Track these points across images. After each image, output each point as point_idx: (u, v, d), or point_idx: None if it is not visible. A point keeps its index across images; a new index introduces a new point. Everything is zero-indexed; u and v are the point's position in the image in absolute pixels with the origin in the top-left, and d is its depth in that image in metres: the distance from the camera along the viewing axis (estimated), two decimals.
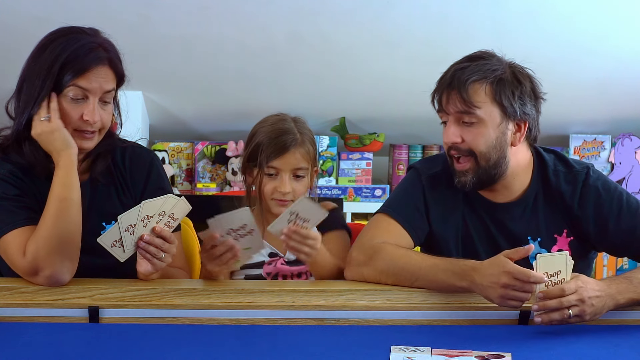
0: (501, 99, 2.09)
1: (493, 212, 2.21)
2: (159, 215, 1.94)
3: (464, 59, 2.16)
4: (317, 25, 3.44)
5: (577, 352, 1.78)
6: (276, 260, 2.26)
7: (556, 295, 1.87)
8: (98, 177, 2.15)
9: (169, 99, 3.87)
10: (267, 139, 2.23)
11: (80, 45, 2.03)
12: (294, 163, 2.24)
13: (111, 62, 2.06)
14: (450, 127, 2.13)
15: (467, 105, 2.09)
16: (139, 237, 1.92)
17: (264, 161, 2.22)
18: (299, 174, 2.25)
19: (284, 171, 2.23)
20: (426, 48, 3.51)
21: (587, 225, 2.17)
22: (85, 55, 2.02)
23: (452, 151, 2.15)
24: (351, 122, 4.00)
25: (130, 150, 2.23)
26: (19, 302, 1.93)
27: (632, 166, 3.96)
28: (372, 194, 3.94)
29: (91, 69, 2.02)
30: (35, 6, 3.22)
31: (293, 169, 2.24)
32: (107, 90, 2.06)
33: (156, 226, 1.94)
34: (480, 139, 2.11)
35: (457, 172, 2.15)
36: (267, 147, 2.22)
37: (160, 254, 1.95)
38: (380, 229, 2.17)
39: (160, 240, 1.94)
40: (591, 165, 2.23)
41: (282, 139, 2.23)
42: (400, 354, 1.72)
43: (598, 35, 3.49)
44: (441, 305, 1.99)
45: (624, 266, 3.93)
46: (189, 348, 1.76)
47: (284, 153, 2.23)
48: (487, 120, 2.10)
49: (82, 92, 2.02)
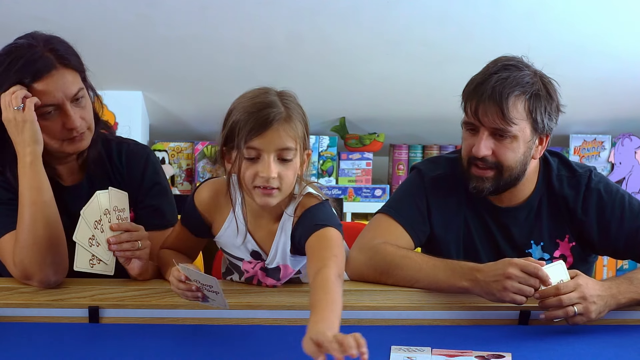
0: (536, 115, 2.07)
1: (497, 216, 2.20)
2: (104, 215, 1.94)
3: (500, 67, 2.09)
4: (317, 25, 3.44)
5: (577, 352, 1.78)
6: (256, 263, 2.01)
7: (551, 293, 1.87)
8: (93, 171, 2.14)
9: (169, 99, 3.87)
10: (246, 114, 1.83)
11: (20, 64, 1.94)
12: (278, 142, 1.82)
13: (62, 62, 1.98)
14: (483, 140, 2.07)
15: (506, 122, 2.04)
16: (107, 246, 1.93)
17: (242, 141, 1.81)
18: (286, 157, 1.84)
19: (266, 152, 1.82)
20: (426, 48, 3.52)
21: (590, 229, 2.17)
22: (29, 70, 1.94)
23: (478, 161, 2.10)
24: (351, 122, 4.00)
25: (126, 147, 2.22)
26: (19, 302, 1.93)
27: (632, 166, 3.96)
28: (372, 194, 3.94)
29: (44, 81, 1.95)
30: (35, 7, 3.22)
31: (277, 150, 1.83)
32: (74, 92, 1.99)
33: (111, 225, 1.94)
34: (510, 153, 2.08)
35: (475, 177, 2.12)
36: (245, 124, 1.81)
37: (136, 244, 1.95)
38: (381, 230, 2.16)
39: (127, 234, 1.94)
40: (593, 168, 2.23)
41: (262, 113, 1.81)
42: (400, 354, 1.72)
43: (598, 35, 3.49)
44: (441, 305, 1.99)
45: (624, 266, 3.93)
46: (189, 348, 1.76)
47: (265, 130, 1.81)
48: (520, 137, 2.07)
49: (51, 107, 1.97)
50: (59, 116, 1.99)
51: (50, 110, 1.98)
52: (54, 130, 2.00)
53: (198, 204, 2.03)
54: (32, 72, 1.95)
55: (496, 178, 2.10)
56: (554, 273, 1.89)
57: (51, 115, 1.99)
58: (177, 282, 1.82)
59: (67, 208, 2.06)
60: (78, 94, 2.01)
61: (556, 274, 1.89)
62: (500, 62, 2.10)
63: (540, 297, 1.87)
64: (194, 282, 1.80)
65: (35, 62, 1.95)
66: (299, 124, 1.86)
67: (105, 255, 1.96)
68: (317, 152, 3.94)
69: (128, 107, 3.72)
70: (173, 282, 1.83)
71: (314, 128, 3.92)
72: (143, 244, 1.97)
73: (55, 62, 1.97)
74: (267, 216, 1.98)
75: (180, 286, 1.81)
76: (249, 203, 1.96)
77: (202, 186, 2.05)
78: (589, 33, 3.48)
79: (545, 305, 1.87)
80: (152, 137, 4.03)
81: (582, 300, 1.87)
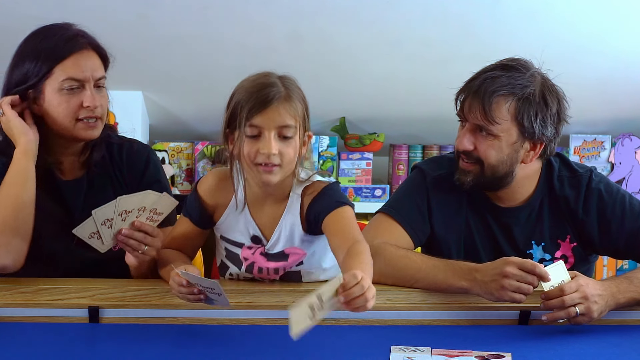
0: (522, 119, 2.06)
1: (498, 216, 2.20)
2: (138, 211, 1.93)
3: (497, 66, 2.10)
4: (317, 25, 3.44)
5: (577, 352, 1.78)
6: (256, 248, 2.06)
7: (556, 295, 1.87)
8: (94, 170, 2.16)
9: (169, 99, 3.87)
10: (247, 94, 1.92)
11: (58, 36, 2.07)
12: (279, 120, 1.90)
13: (94, 47, 2.10)
14: (466, 134, 2.10)
15: (486, 119, 2.05)
16: (117, 231, 1.92)
17: (243, 120, 1.90)
18: (286, 134, 1.92)
19: (267, 129, 1.90)
20: (426, 48, 3.51)
21: (591, 229, 2.17)
22: (66, 44, 2.05)
23: (462, 155, 2.13)
24: (351, 122, 3.99)
25: (127, 145, 2.25)
26: (19, 302, 1.93)
27: (632, 166, 3.95)
28: (372, 194, 3.93)
29: (76, 56, 2.05)
30: (35, 7, 3.22)
31: (278, 127, 1.90)
32: (99, 77, 2.10)
33: (136, 221, 1.93)
34: (491, 151, 2.09)
35: (460, 169, 2.14)
36: (246, 103, 1.91)
37: (141, 247, 1.95)
38: (381, 229, 2.16)
39: (142, 235, 1.94)
40: (594, 168, 2.24)
41: (263, 92, 1.90)
42: (400, 354, 1.72)
43: (598, 35, 3.49)
44: (441, 305, 1.99)
45: (624, 266, 3.93)
46: (189, 348, 1.76)
47: (266, 107, 1.90)
48: (502, 137, 2.07)
49: (75, 82, 2.05)
50: (80, 94, 2.07)
51: (74, 85, 2.06)
52: (72, 107, 2.06)
53: (202, 192, 2.08)
54: (64, 47, 2.05)
55: (478, 174, 2.11)
56: (555, 274, 1.89)
57: (73, 92, 2.06)
58: (178, 287, 1.83)
59: (64, 202, 2.11)
60: (100, 80, 2.11)
61: (557, 275, 1.89)
62: (503, 61, 2.11)
63: (545, 299, 1.88)
64: (195, 285, 1.81)
65: (69, 40, 2.07)
66: (299, 104, 1.94)
67: (108, 238, 1.93)
68: (317, 152, 3.94)
69: (128, 107, 3.71)
70: (174, 287, 1.84)
71: (314, 128, 3.89)
72: (149, 251, 1.97)
73: (86, 44, 2.09)
74: (270, 202, 2.03)
75: (182, 290, 1.82)
76: (251, 189, 2.03)
77: (206, 175, 2.13)
78: (589, 33, 3.48)
79: (548, 306, 1.87)
80: (152, 137, 4.02)
81: (584, 300, 1.87)
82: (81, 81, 2.06)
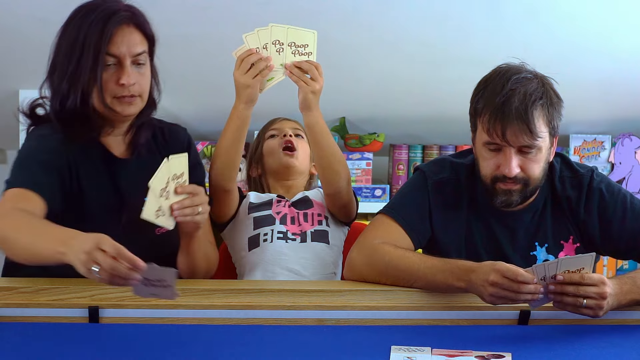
0: (553, 122, 2.07)
1: (503, 220, 2.19)
2: (171, 181, 1.91)
3: (513, 82, 2.03)
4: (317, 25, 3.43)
5: (577, 352, 1.78)
6: (285, 201, 2.39)
7: (576, 281, 1.86)
8: (141, 151, 2.15)
9: (169, 99, 3.86)
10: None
11: (100, 11, 2.03)
12: (292, 125, 2.54)
13: (135, 23, 2.06)
14: (513, 158, 2.05)
15: (534, 138, 2.03)
16: (169, 211, 1.90)
17: (264, 131, 2.57)
18: (299, 133, 2.52)
19: (285, 129, 2.51)
20: (426, 48, 3.51)
21: (593, 229, 2.17)
22: (107, 21, 2.01)
23: (507, 179, 2.07)
24: (351, 122, 3.99)
25: (167, 127, 2.26)
26: (19, 302, 1.93)
27: (632, 166, 3.95)
28: (372, 194, 3.93)
29: (116, 32, 2.02)
30: (35, 7, 3.22)
31: (293, 128, 2.52)
32: (137, 52, 2.05)
33: (177, 188, 1.92)
34: (536, 166, 2.08)
35: (502, 191, 2.09)
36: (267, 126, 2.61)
37: (196, 209, 1.94)
38: (381, 230, 2.16)
39: (189, 200, 1.93)
40: (595, 168, 2.23)
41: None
42: (400, 354, 1.72)
43: (598, 35, 3.49)
44: (441, 305, 1.99)
45: (624, 266, 3.93)
46: (189, 348, 1.76)
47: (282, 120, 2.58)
48: (543, 147, 2.07)
49: (112, 58, 2.03)
50: (117, 71, 2.04)
51: (110, 62, 2.03)
52: (109, 84, 2.03)
53: None
54: (104, 20, 2.01)
55: (523, 190, 2.09)
56: (580, 262, 1.87)
57: (110, 68, 2.03)
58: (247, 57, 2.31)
59: (116, 182, 2.11)
60: (140, 56, 2.07)
61: (582, 263, 1.88)
62: (507, 75, 2.06)
63: (563, 281, 1.86)
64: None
65: (111, 15, 2.02)
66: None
67: (167, 210, 1.92)
68: None
69: None
70: (244, 60, 2.29)
71: None
72: (203, 208, 1.97)
73: (128, 19, 2.04)
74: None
75: (254, 57, 2.28)
76: (269, 182, 2.51)
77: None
78: (589, 33, 3.47)
79: (563, 289, 1.86)
80: None
81: (598, 296, 1.86)
82: (117, 57, 2.03)
